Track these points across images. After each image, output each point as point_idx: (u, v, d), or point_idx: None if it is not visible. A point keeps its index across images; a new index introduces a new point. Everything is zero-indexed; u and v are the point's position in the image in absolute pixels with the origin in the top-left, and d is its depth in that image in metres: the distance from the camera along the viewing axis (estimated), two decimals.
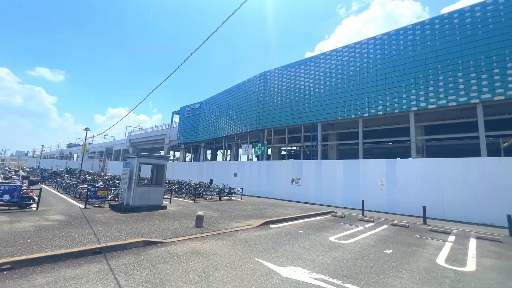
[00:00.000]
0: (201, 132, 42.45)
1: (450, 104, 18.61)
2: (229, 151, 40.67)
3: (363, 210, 11.77)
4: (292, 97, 28.72)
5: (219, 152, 46.35)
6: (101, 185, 12.42)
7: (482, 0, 18.54)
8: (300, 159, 26.09)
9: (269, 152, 33.04)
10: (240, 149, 37.45)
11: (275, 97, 30.28)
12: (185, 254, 5.04)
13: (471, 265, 5.26)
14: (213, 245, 5.75)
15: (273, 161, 23.59)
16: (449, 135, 21.10)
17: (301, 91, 28.09)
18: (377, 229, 8.63)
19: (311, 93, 27.28)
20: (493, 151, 17.34)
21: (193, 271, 4.18)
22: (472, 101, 17.53)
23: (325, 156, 29.78)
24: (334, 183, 15.50)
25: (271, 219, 9.11)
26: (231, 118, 36.20)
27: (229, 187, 17.49)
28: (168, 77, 8.19)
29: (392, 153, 27.23)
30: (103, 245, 5.01)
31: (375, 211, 13.09)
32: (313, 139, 26.69)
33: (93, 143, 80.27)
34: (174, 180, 20.00)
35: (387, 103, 21.66)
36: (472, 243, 7.20)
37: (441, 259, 5.53)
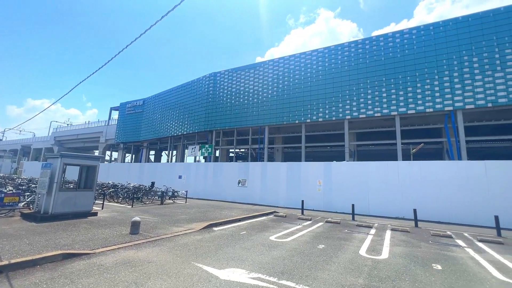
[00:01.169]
0: (144, 131, 39.45)
1: (376, 114, 21.48)
2: (175, 152, 38.75)
3: (302, 209, 12.61)
4: (241, 100, 29.06)
5: (164, 153, 43.73)
6: (10, 190, 10.36)
7: (400, 29, 21.95)
8: (247, 161, 26.50)
9: (217, 154, 32.67)
10: (186, 150, 36.07)
11: (224, 98, 30.18)
12: (115, 264, 4.58)
13: (385, 253, 6.13)
14: (149, 253, 5.37)
15: (221, 163, 23.39)
16: (375, 142, 24.34)
17: (250, 94, 28.67)
18: (313, 227, 9.35)
19: (260, 97, 28.09)
20: (406, 156, 20.64)
21: (122, 283, 3.82)
22: (392, 113, 20.60)
23: (271, 159, 30.98)
24: (278, 185, 16.21)
25: (214, 222, 9.00)
26: (178, 117, 34.63)
27: (173, 190, 16.64)
28: (101, 67, 7.37)
29: (330, 156, 29.85)
30: (4, 262, 4.17)
31: (313, 210, 14.15)
32: (261, 142, 27.48)
33: (4, 139, 66.73)
34: (109, 183, 18.02)
35: (326, 111, 23.77)
36: (388, 234, 8.42)
37: (363, 250, 6.30)
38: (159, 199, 15.02)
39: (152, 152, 45.98)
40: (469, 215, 10.95)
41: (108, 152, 48.04)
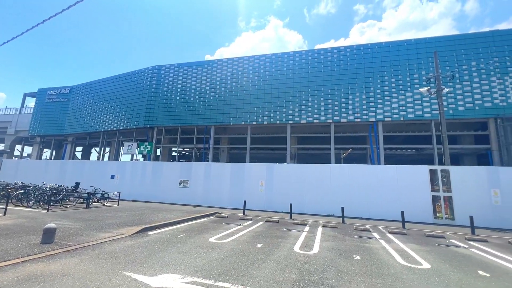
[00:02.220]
0: (70, 123, 34.34)
1: (315, 121, 23.40)
2: (108, 149, 34.76)
3: (244, 209, 12.82)
4: (187, 97, 27.94)
5: (94, 150, 38.81)
6: None
7: (338, 46, 24.45)
8: (191, 161, 25.59)
9: (158, 153, 30.58)
10: (122, 148, 32.72)
11: (169, 94, 28.54)
12: (15, 282, 3.80)
13: (316, 248, 6.70)
14: (64, 264, 4.64)
15: (161, 162, 21.99)
16: (313, 146, 26.48)
17: (197, 92, 27.83)
18: (254, 226, 9.59)
19: (207, 96, 27.51)
20: (338, 160, 23.05)
21: None
22: (328, 120, 22.78)
23: (216, 159, 30.60)
24: (222, 185, 16.11)
25: (150, 225, 8.37)
26: (114, 110, 31.20)
27: (103, 191, 14.86)
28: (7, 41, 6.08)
29: (273, 158, 31.17)
30: None
31: (255, 210, 14.53)
32: (206, 142, 26.89)
33: None
34: (17, 184, 14.99)
35: (271, 115, 24.79)
36: (319, 230, 9.23)
37: (297, 247, 6.74)
38: (85, 201, 13.21)
39: (79, 148, 40.25)
40: (384, 211, 12.84)
41: (18, 146, 39.97)
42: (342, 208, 11.59)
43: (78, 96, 34.76)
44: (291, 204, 12.35)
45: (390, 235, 8.85)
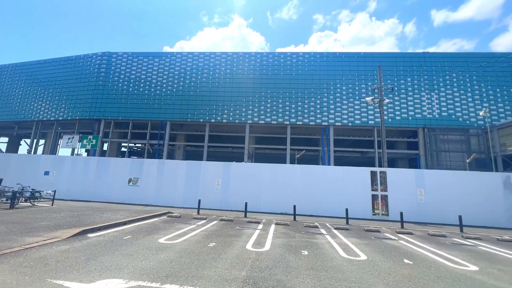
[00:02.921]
0: None
1: (272, 122, 24.10)
2: (42, 141, 30.49)
3: (199, 208, 12.53)
4: (141, 89, 26.13)
5: (24, 142, 33.68)
6: None
7: (297, 51, 25.57)
8: (143, 158, 23.99)
9: (105, 147, 27.94)
10: (61, 140, 29.03)
11: (120, 84, 26.29)
12: None
13: (267, 245, 6.90)
14: None
15: (107, 158, 20.14)
16: (271, 146, 27.22)
17: (153, 85, 26.24)
18: (207, 225, 9.44)
19: (164, 89, 26.15)
20: (293, 160, 24.12)
21: None
22: (285, 122, 23.69)
23: (171, 156, 29.28)
24: (176, 184, 15.48)
25: (91, 227, 7.59)
26: (52, 98, 27.52)
27: (33, 189, 12.98)
28: None
29: (230, 157, 31.19)
30: None
31: (210, 209, 14.31)
32: (160, 138, 25.53)
33: None
34: None
35: (231, 113, 24.72)
36: (272, 228, 9.54)
37: (249, 245, 6.86)
38: (8, 201, 11.36)
39: (4, 140, 34.48)
40: (332, 208, 13.84)
41: None
42: (294, 206, 12.17)
43: (4, 78, 29.71)
44: (246, 203, 12.49)
45: (335, 231, 9.60)
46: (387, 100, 16.89)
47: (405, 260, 6.06)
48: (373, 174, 14.03)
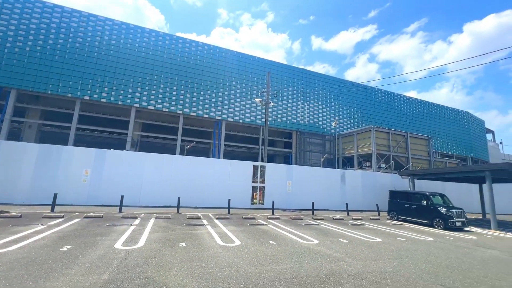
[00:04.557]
0: None
1: (164, 109, 22.41)
2: None
3: (53, 205, 9.96)
4: None
5: None
6: None
7: (196, 40, 24.85)
8: None
9: None
10: None
11: None
12: None
13: (142, 241, 6.35)
14: None
15: None
16: (160, 135, 25.25)
17: None
18: (64, 225, 7.66)
19: (9, 43, 19.10)
20: (183, 151, 23.42)
21: None
22: (178, 111, 22.59)
23: (16, 136, 21.85)
24: (19, 173, 11.69)
25: None
26: None
27: None
28: None
29: (110, 144, 26.76)
30: None
31: (73, 205, 11.71)
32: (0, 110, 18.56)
33: None
34: None
35: (113, 92, 21.12)
36: (151, 222, 8.88)
37: (119, 243, 6.08)
38: None
39: None
40: (218, 200, 14.30)
41: None
42: (179, 199, 11.82)
43: None
44: (122, 196, 11.00)
45: (216, 221, 10.04)
46: (272, 104, 19.23)
47: (271, 241, 7.10)
48: (255, 168, 15.64)
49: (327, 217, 12.98)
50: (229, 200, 12.49)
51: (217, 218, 10.53)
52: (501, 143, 52.92)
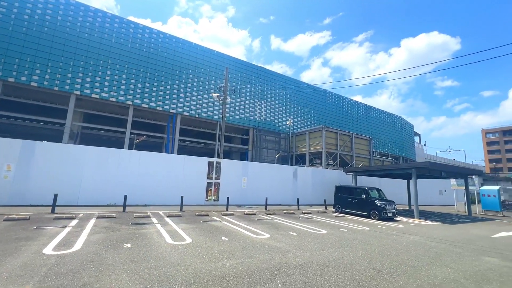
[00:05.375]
0: None
1: (111, 99, 20.40)
2: None
3: None
4: None
5: None
6: None
7: (150, 27, 23.19)
8: None
9: None
10: None
11: None
12: None
13: (78, 244, 5.70)
14: None
15: None
16: (106, 127, 22.93)
17: None
18: None
19: None
20: (132, 145, 21.71)
21: None
22: (128, 102, 20.80)
23: None
24: None
25: None
26: None
27: None
28: None
29: (43, 135, 23.36)
30: None
31: None
32: None
33: None
34: None
35: (47, 76, 18.42)
36: (91, 223, 8.03)
37: (50, 248, 5.36)
38: None
39: None
40: (170, 196, 13.65)
41: None
42: (125, 196, 10.95)
43: None
44: (55, 195, 9.69)
45: (167, 219, 9.60)
46: (229, 99, 19.09)
47: (223, 238, 7.08)
48: (210, 164, 15.37)
49: (279, 211, 13.50)
50: (182, 197, 12.06)
51: (168, 216, 10.06)
52: (425, 145, 62.66)
